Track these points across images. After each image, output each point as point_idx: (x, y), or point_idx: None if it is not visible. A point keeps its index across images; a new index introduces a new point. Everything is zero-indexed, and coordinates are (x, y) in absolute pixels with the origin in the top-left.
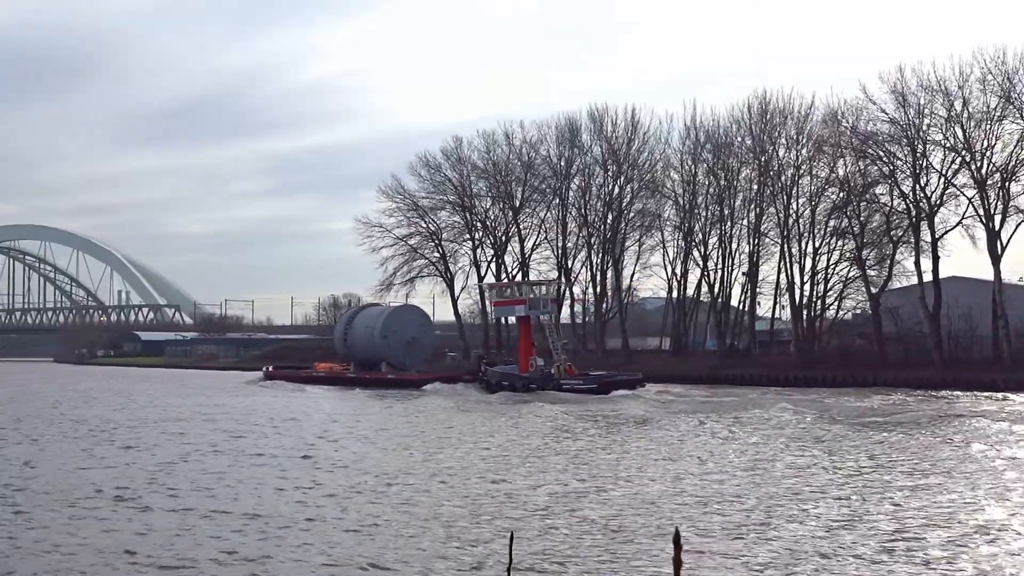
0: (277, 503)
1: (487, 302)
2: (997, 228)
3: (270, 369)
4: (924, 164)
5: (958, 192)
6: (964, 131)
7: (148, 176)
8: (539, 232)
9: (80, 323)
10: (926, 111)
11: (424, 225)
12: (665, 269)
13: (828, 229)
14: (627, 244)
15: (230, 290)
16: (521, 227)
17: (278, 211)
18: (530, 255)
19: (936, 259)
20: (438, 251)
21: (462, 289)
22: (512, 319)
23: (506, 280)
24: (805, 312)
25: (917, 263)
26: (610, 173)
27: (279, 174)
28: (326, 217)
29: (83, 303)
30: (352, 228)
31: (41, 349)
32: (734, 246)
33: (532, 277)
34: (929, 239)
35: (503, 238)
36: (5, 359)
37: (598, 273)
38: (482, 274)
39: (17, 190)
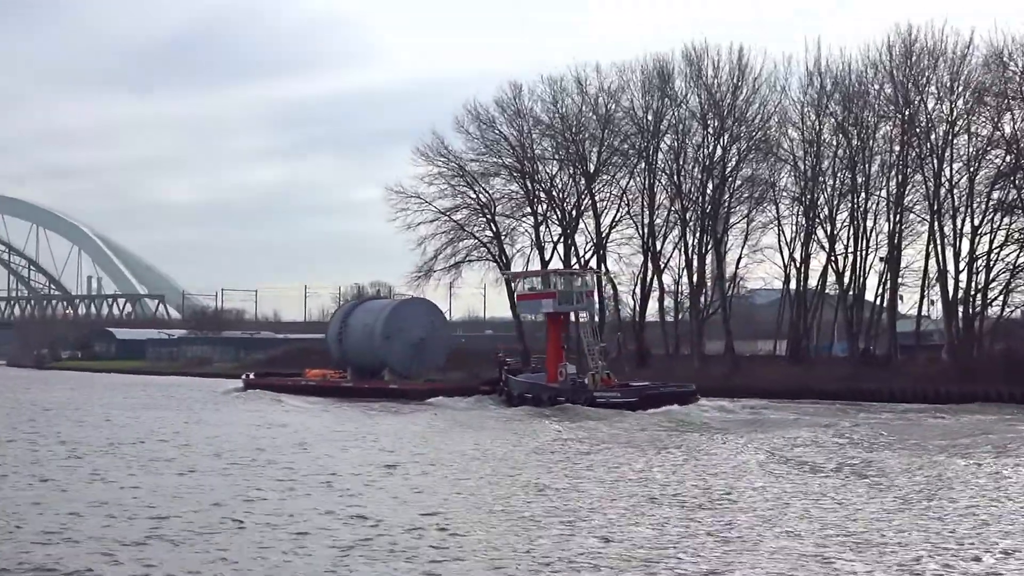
0: None
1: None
2: None
3: (250, 377)
4: None
5: None
6: None
7: (125, 130)
8: (620, 205)
9: (40, 317)
10: None
11: (473, 195)
12: (780, 253)
13: (991, 203)
14: (732, 221)
15: (228, 277)
16: (597, 199)
17: (287, 175)
18: (608, 234)
19: None
20: (491, 229)
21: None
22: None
23: (572, 265)
24: (961, 308)
25: None
26: (711, 130)
27: (287, 128)
28: (348, 184)
29: (43, 291)
30: (381, 198)
31: None
32: (869, 224)
33: (611, 262)
34: None
35: (573, 212)
36: None
37: (695, 258)
38: (546, 258)
39: None
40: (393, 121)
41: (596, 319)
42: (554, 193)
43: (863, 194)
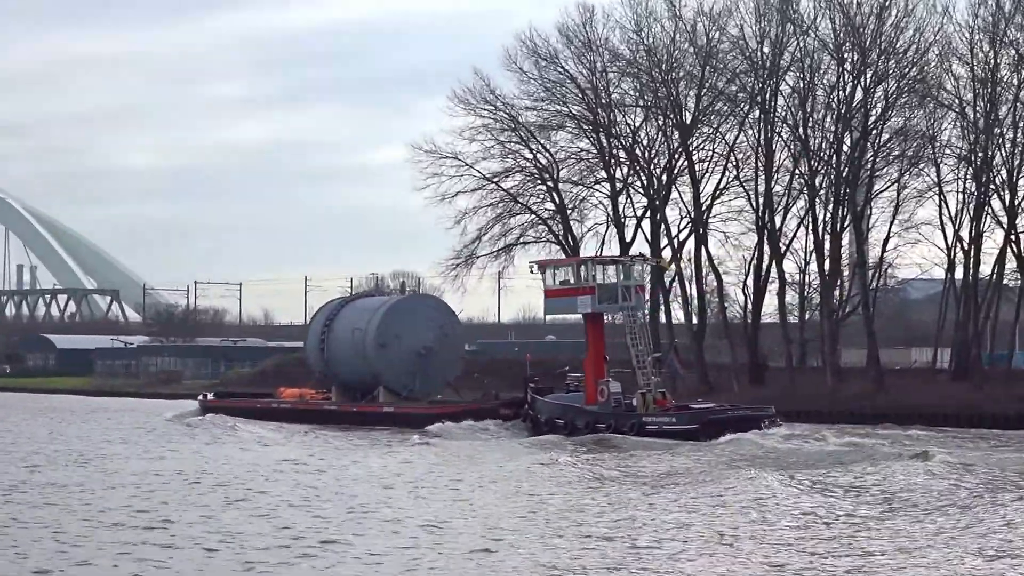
0: None
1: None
2: None
3: (208, 397)
4: None
5: None
6: None
7: (70, 73)
8: (726, 168)
9: None
10: None
11: (529, 156)
12: (942, 231)
13: None
14: (877, 188)
15: (203, 266)
16: (695, 159)
17: (277, 132)
18: (709, 206)
19: None
20: (552, 200)
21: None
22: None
23: (660, 248)
24: None
25: None
26: (848, 66)
27: (275, 70)
28: (359, 142)
29: None
30: (406, 161)
31: None
32: None
33: (713, 244)
34: None
35: (664, 177)
36: None
37: (827, 238)
38: (627, 238)
39: None
40: (420, 58)
41: (646, 320)
42: (638, 152)
43: None
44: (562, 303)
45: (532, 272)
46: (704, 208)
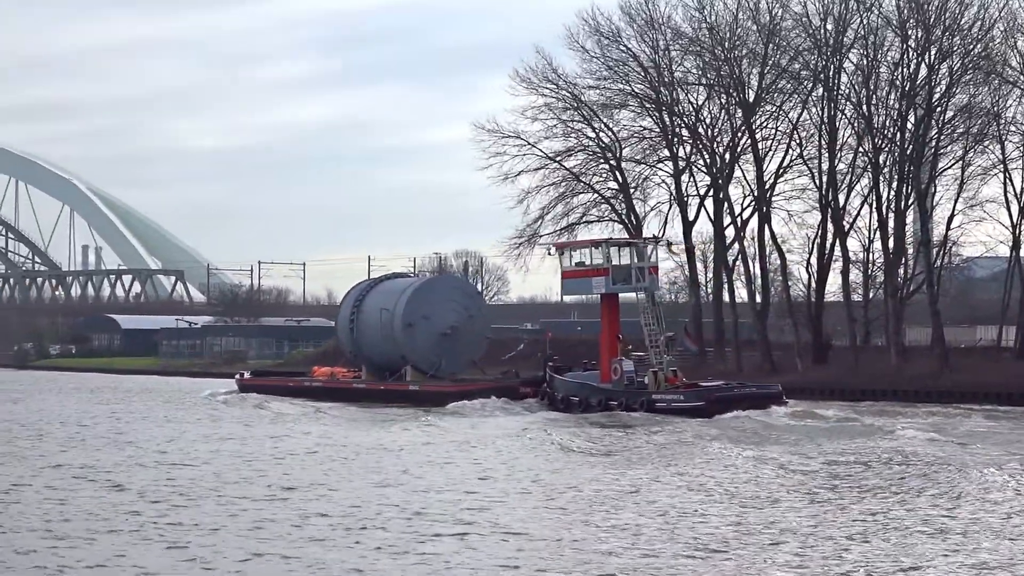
0: None
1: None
2: None
3: (245, 376)
4: None
5: None
6: None
7: (129, 54)
8: (789, 146)
9: (21, 300)
10: None
11: (592, 135)
12: (1007, 208)
13: None
14: (941, 166)
15: (267, 246)
16: (758, 137)
17: (340, 112)
18: (773, 185)
19: None
20: (615, 179)
21: (658, 242)
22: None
23: (724, 227)
24: None
25: None
26: (912, 43)
27: (337, 50)
28: (422, 122)
29: (25, 266)
30: (469, 140)
31: None
32: None
33: (776, 222)
34: None
35: (727, 156)
36: None
37: (891, 216)
38: (690, 217)
39: None
40: (482, 37)
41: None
42: (701, 130)
43: None
44: (578, 284)
45: (550, 254)
46: (767, 186)
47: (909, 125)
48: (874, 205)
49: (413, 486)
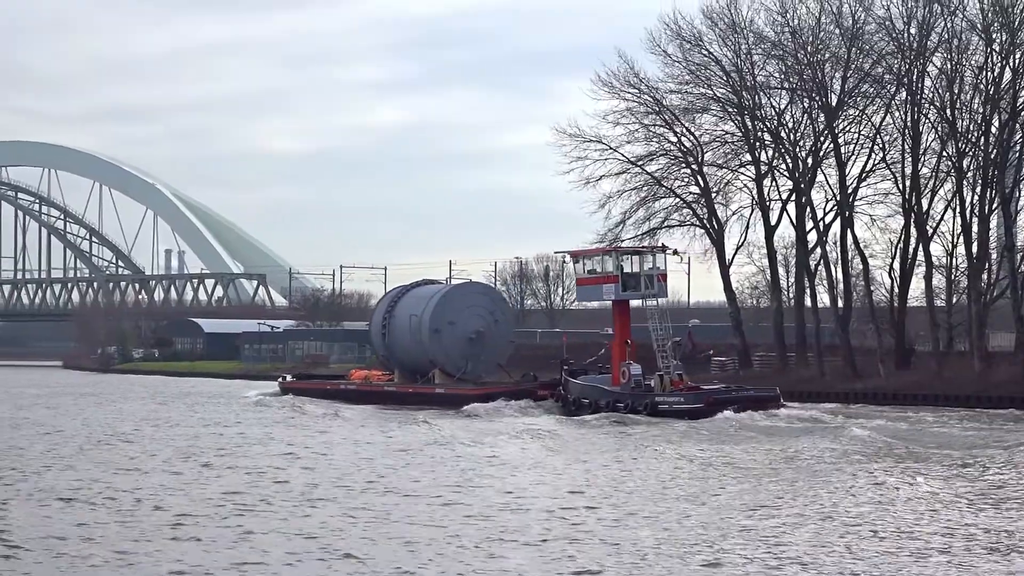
0: None
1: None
2: None
3: (287, 379)
4: None
5: None
6: None
7: (211, 58)
8: (872, 150)
9: (105, 304)
10: None
11: (674, 139)
12: None
13: None
14: None
15: (348, 250)
16: (840, 141)
17: (419, 115)
18: (855, 189)
19: None
20: (697, 183)
21: (738, 247)
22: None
23: (806, 231)
24: None
25: None
26: (996, 47)
27: (415, 54)
28: (501, 125)
29: (109, 271)
30: (549, 144)
31: (44, 346)
32: None
33: (859, 227)
34: None
35: (809, 160)
36: None
37: (974, 220)
38: (772, 221)
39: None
40: (561, 41)
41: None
42: (783, 134)
43: None
44: (591, 291)
45: (565, 262)
46: (850, 191)
47: (993, 129)
48: (957, 210)
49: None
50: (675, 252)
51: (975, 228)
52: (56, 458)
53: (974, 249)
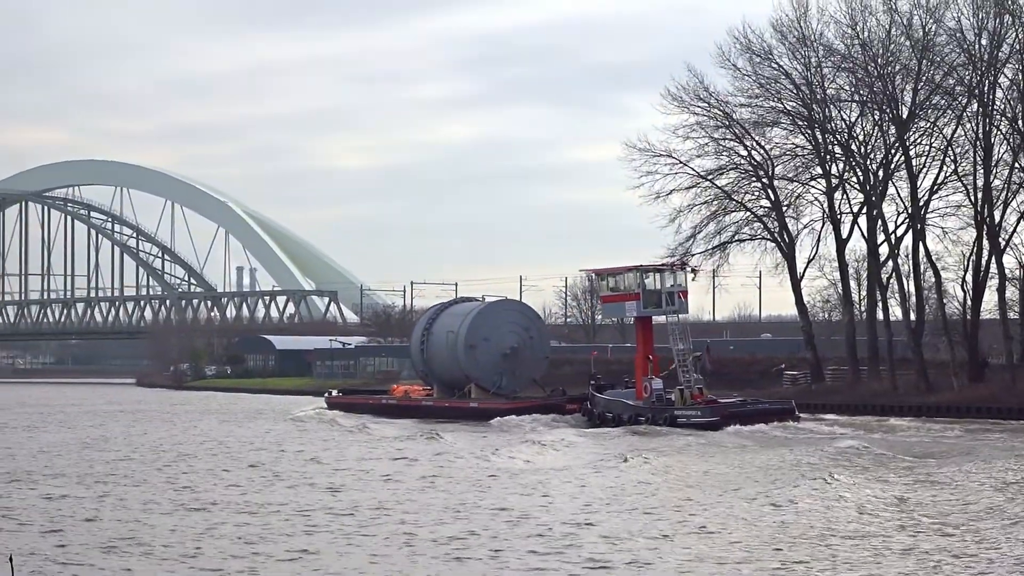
0: None
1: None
2: None
3: (332, 395)
4: None
5: None
6: None
7: (279, 76)
8: (943, 162)
9: (178, 321)
10: None
11: (744, 153)
12: None
13: None
14: None
15: (418, 265)
16: (912, 154)
17: (487, 131)
18: (927, 202)
19: None
20: (768, 197)
21: (810, 261)
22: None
23: (877, 244)
24: None
25: None
26: None
27: (482, 70)
28: (569, 140)
29: (181, 288)
30: (620, 159)
31: (118, 364)
32: None
33: (931, 239)
34: None
35: (880, 173)
36: (62, 379)
37: None
38: (843, 234)
39: (69, 105)
40: (630, 56)
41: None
42: (853, 147)
43: None
44: (614, 308)
45: (590, 280)
46: (922, 203)
47: None
48: None
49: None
50: (693, 270)
51: None
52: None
53: None
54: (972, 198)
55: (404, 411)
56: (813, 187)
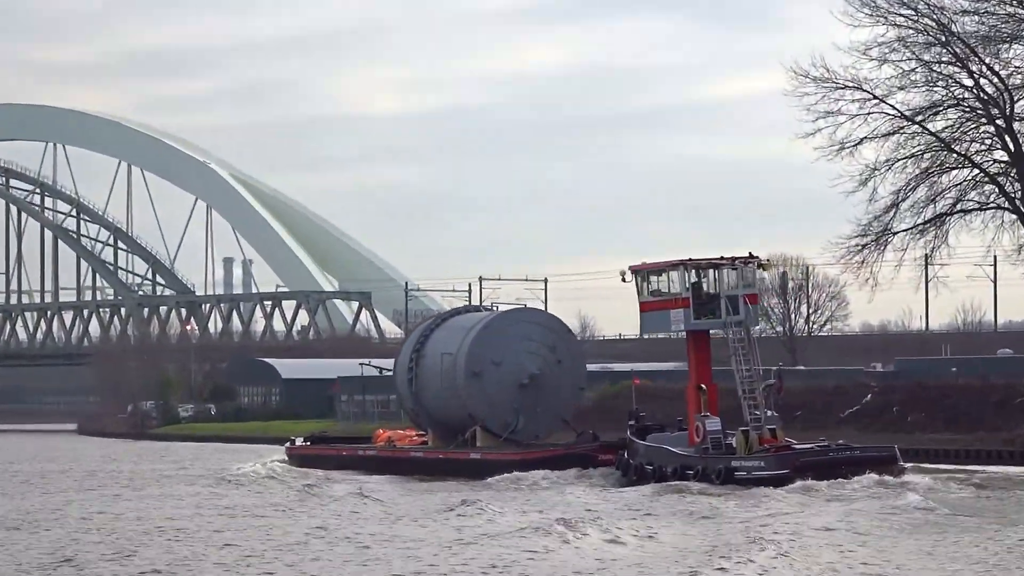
0: None
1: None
2: None
3: (296, 443)
4: None
5: None
6: None
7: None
8: None
9: (137, 339)
10: None
11: (970, 83)
12: None
13: None
14: None
15: (486, 255)
16: None
17: (586, 56)
18: None
19: None
20: (1005, 147)
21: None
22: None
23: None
24: None
25: None
26: None
27: None
28: (705, 66)
29: (142, 290)
30: (783, 93)
31: (51, 403)
32: None
33: None
34: None
35: None
36: None
37: None
38: None
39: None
40: None
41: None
42: None
43: None
44: (656, 318)
45: (625, 280)
46: None
47: None
48: None
49: None
50: (760, 265)
51: None
52: None
53: None
54: None
55: (385, 464)
56: None
